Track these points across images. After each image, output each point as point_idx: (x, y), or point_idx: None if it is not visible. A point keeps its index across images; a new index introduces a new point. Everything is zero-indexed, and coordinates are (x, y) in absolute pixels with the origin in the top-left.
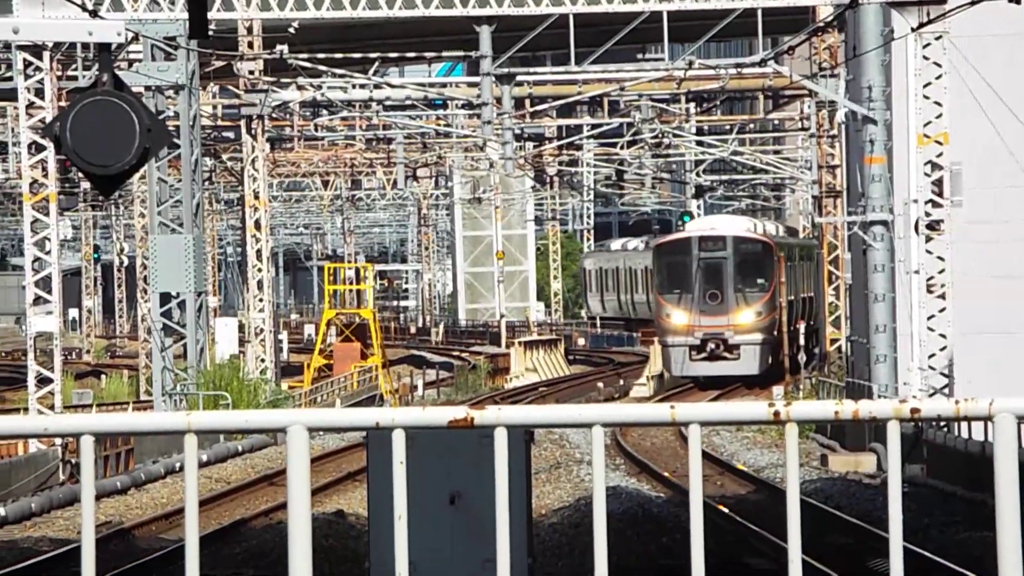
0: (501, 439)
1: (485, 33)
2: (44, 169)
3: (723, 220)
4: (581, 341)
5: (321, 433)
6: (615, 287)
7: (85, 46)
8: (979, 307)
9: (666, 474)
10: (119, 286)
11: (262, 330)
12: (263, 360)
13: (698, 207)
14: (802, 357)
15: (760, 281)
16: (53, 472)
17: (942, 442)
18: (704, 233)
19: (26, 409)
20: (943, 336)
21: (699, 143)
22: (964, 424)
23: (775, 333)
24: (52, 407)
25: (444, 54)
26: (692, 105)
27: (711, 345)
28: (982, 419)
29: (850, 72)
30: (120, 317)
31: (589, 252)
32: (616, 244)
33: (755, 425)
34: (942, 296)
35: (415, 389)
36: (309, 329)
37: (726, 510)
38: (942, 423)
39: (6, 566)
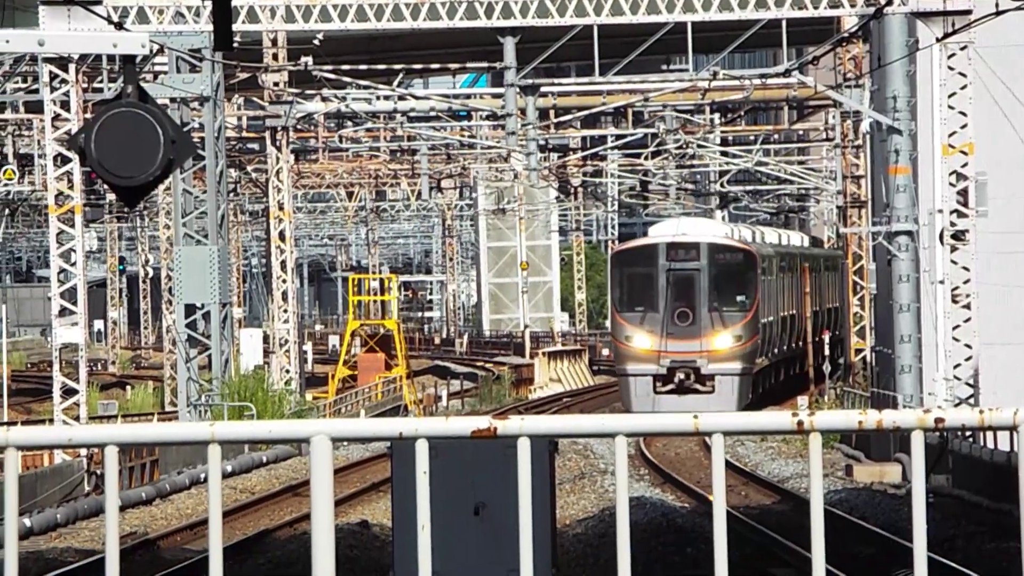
0: (524, 449)
1: (509, 44)
2: (70, 181)
3: (695, 224)
4: (605, 351)
5: (345, 444)
6: None
7: (110, 58)
8: (1005, 317)
9: (690, 485)
10: (144, 297)
11: (287, 341)
12: (287, 371)
13: (723, 218)
14: (827, 367)
15: (740, 298)
16: (78, 483)
17: (967, 452)
18: (673, 239)
19: (51, 420)
20: (968, 346)
21: (723, 154)
22: (990, 434)
23: (756, 361)
24: (77, 418)
25: (468, 65)
26: (716, 116)
27: (680, 375)
28: (1007, 429)
29: (875, 82)
30: (145, 328)
31: None
32: None
33: (779, 435)
34: (967, 306)
35: (439, 400)
36: (333, 340)
37: (750, 520)
38: (967, 433)
39: None
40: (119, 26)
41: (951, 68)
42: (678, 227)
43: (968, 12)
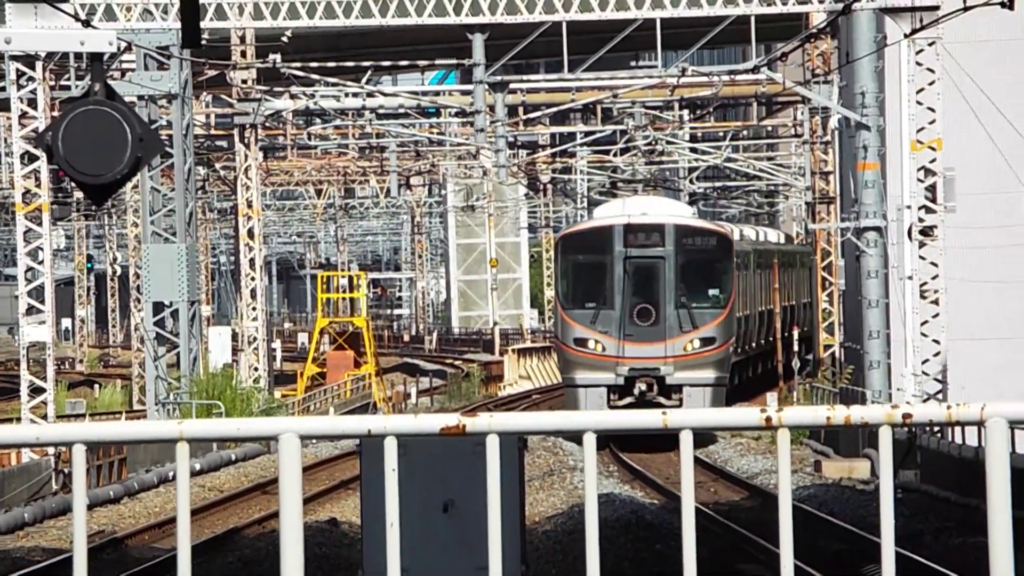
0: (493, 446)
1: (478, 41)
2: (37, 179)
3: (655, 203)
4: None
5: (314, 441)
6: None
7: (78, 56)
8: (973, 313)
9: (659, 481)
10: (112, 296)
11: (255, 339)
12: (256, 369)
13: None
14: (795, 364)
15: (713, 292)
16: (46, 482)
17: (935, 448)
18: (632, 220)
19: (19, 419)
20: (936, 342)
21: (693, 150)
22: (958, 430)
23: (728, 368)
24: (45, 417)
25: (437, 62)
26: (685, 112)
27: (640, 385)
28: (974, 424)
29: (843, 78)
30: (113, 327)
31: None
32: None
33: (748, 431)
34: (935, 302)
35: (408, 397)
36: (302, 338)
37: (719, 517)
38: (935, 429)
39: None
40: (86, 23)
41: (919, 64)
42: (635, 206)
43: (936, 8)
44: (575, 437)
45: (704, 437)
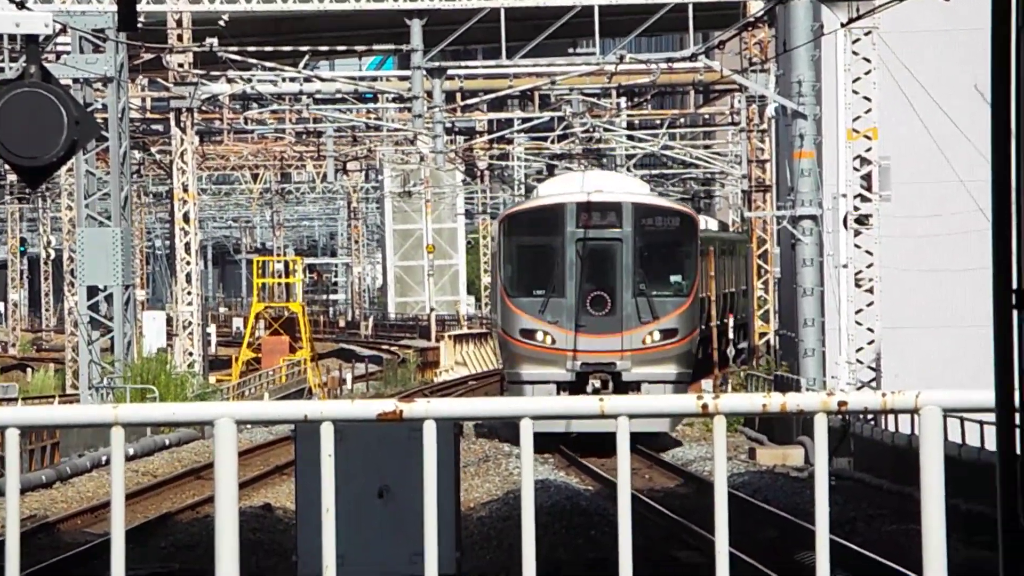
0: (430, 432)
1: (416, 27)
2: None
3: (609, 178)
4: None
5: (249, 426)
6: None
7: (12, 38)
8: (907, 301)
9: (595, 468)
10: (46, 279)
11: (190, 323)
12: (191, 354)
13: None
14: (731, 351)
15: (675, 279)
16: None
17: (869, 436)
18: (587, 197)
19: None
20: (871, 330)
21: (630, 137)
22: (891, 418)
23: (692, 363)
24: None
25: (375, 48)
26: (623, 99)
27: (594, 382)
28: (908, 412)
29: (780, 67)
30: (47, 310)
31: None
32: None
33: (684, 418)
34: (870, 290)
35: (344, 383)
36: (238, 322)
37: (654, 503)
38: (869, 417)
39: None
40: (21, 5)
41: (855, 53)
42: (589, 182)
43: None
44: (513, 437)
45: (667, 440)
